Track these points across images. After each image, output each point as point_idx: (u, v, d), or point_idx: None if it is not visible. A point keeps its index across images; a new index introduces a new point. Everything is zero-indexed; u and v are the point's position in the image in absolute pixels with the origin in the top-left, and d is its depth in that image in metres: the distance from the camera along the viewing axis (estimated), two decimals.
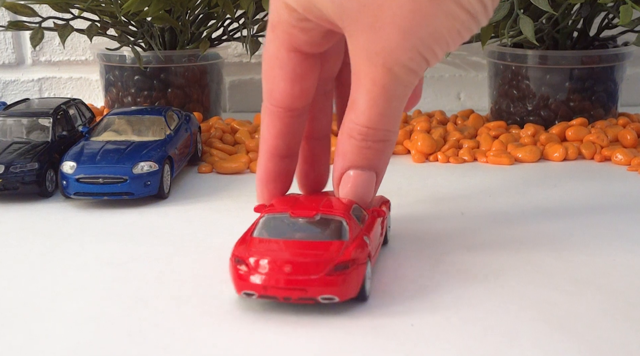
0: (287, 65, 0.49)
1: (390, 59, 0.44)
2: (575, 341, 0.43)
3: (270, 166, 0.53)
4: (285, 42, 0.48)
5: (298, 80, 0.49)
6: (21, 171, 0.67)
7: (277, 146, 0.52)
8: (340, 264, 0.44)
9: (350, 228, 0.47)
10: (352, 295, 0.45)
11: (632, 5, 0.75)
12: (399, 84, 0.45)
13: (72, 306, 0.48)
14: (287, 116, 0.51)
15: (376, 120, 0.47)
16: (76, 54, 1.08)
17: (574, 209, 0.65)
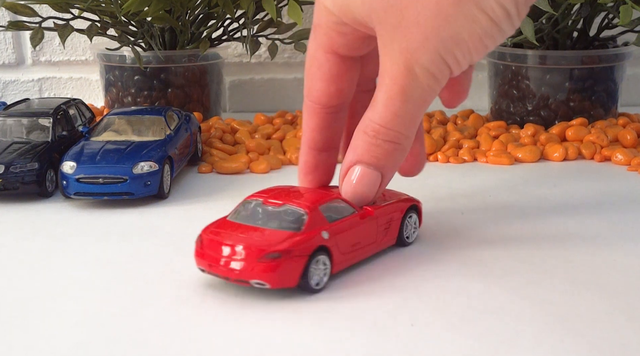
0: (324, 66, 0.50)
1: (412, 59, 0.44)
2: (575, 341, 0.43)
3: (309, 159, 0.54)
4: (324, 43, 0.50)
5: (334, 80, 0.51)
6: (21, 171, 0.67)
7: (315, 139, 0.54)
8: (272, 253, 0.47)
9: (309, 221, 0.49)
10: (287, 285, 0.48)
11: (632, 5, 0.75)
12: (417, 86, 0.46)
13: (72, 306, 0.48)
14: (324, 112, 0.52)
15: (389, 119, 0.47)
16: (76, 54, 1.08)
17: (574, 209, 0.65)
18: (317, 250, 0.48)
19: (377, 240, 0.54)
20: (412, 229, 0.57)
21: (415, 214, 0.57)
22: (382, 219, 0.54)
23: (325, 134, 0.54)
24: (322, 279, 0.49)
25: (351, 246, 0.51)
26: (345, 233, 0.50)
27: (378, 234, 0.53)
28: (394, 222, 0.55)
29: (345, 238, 0.50)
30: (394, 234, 0.55)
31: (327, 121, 0.53)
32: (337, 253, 0.50)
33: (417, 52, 0.44)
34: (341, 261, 0.50)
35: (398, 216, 0.55)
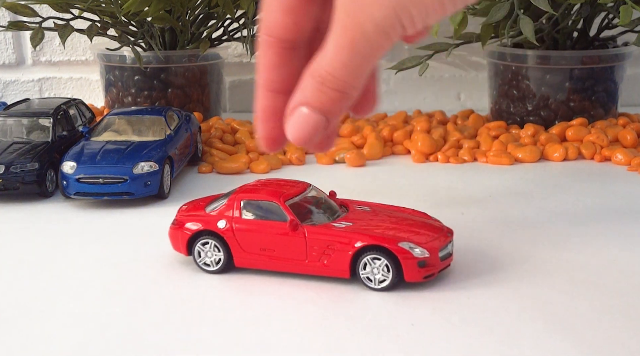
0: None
1: (364, 13, 0.42)
2: (575, 341, 0.43)
3: (265, 102, 0.50)
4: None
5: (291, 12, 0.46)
6: (21, 171, 0.67)
7: (271, 79, 0.49)
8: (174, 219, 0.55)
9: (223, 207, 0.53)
10: (180, 251, 0.54)
11: (632, 5, 0.75)
12: (367, 40, 0.44)
13: (72, 306, 0.48)
14: (280, 47, 0.48)
15: (337, 68, 0.46)
16: (76, 54, 1.08)
17: (573, 209, 0.65)
18: (204, 232, 0.52)
19: (305, 260, 0.50)
20: (379, 273, 0.49)
21: (388, 260, 0.49)
22: (315, 241, 0.50)
23: (282, 73, 0.49)
24: (212, 263, 0.52)
25: (259, 249, 0.51)
26: (250, 232, 0.51)
27: (309, 255, 0.50)
28: (338, 252, 0.50)
29: (250, 238, 0.51)
30: (341, 266, 0.50)
31: (283, 57, 0.48)
32: (235, 246, 0.52)
33: (371, 7, 0.41)
34: (244, 257, 0.52)
35: (344, 248, 0.49)
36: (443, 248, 0.50)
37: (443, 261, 0.50)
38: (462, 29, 0.81)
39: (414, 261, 0.48)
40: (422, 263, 0.48)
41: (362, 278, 0.49)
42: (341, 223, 0.51)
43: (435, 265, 0.49)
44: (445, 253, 0.50)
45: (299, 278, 0.51)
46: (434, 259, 0.49)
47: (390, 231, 0.50)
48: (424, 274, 0.49)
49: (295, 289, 0.50)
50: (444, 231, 0.51)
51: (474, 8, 0.81)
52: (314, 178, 0.74)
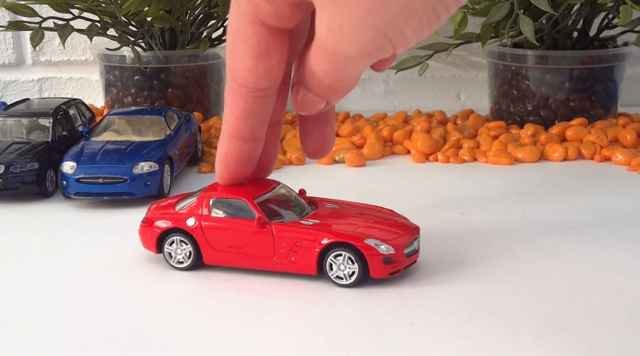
0: (251, 39, 0.44)
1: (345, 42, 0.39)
2: (575, 341, 0.43)
3: (232, 149, 0.49)
4: (249, 13, 0.43)
5: (263, 56, 0.44)
6: (21, 171, 0.67)
7: (240, 128, 0.48)
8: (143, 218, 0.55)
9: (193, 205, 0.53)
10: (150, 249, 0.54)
11: (632, 5, 0.75)
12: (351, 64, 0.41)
13: (72, 306, 0.48)
14: (251, 97, 0.46)
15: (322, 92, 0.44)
16: (76, 54, 1.08)
17: (573, 209, 0.65)
18: (173, 230, 0.53)
19: (273, 257, 0.51)
20: (346, 268, 0.50)
21: (350, 253, 0.49)
22: (282, 239, 0.50)
23: (251, 122, 0.47)
24: (185, 259, 0.53)
25: (228, 247, 0.52)
26: (218, 230, 0.52)
27: (277, 252, 0.51)
28: (305, 250, 0.50)
29: (218, 235, 0.52)
30: (309, 263, 0.50)
31: (254, 106, 0.47)
32: (204, 244, 0.52)
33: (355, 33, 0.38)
34: (213, 254, 0.52)
35: (310, 245, 0.50)
36: (409, 245, 0.51)
37: (409, 257, 0.51)
38: (462, 29, 0.81)
39: (379, 258, 0.49)
40: (388, 259, 0.49)
41: (332, 278, 0.50)
42: (309, 221, 0.51)
43: (401, 262, 0.50)
44: (411, 250, 0.51)
45: (299, 278, 0.51)
46: (399, 256, 0.50)
47: (357, 228, 0.51)
48: (389, 271, 0.49)
49: (295, 289, 0.50)
50: (411, 228, 0.52)
51: (473, 8, 0.81)
52: (314, 178, 0.74)
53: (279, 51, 0.45)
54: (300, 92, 0.46)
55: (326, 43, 0.40)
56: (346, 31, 0.38)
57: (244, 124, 0.48)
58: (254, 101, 0.47)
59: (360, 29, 0.38)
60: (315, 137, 0.51)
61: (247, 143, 0.49)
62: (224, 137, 0.49)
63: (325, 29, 0.39)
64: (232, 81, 0.46)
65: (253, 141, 0.49)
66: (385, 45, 0.39)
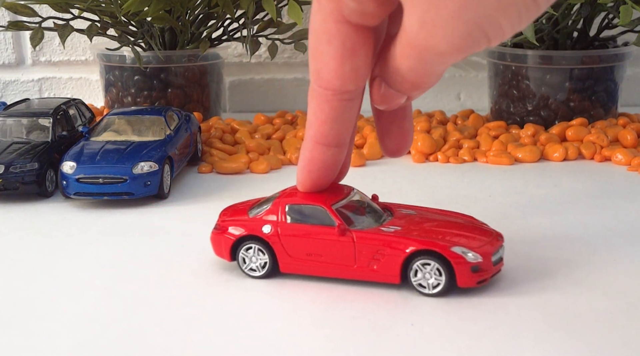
0: (336, 39, 0.42)
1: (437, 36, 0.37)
2: (575, 341, 0.43)
3: (316, 155, 0.48)
4: (333, 11, 0.41)
5: (348, 56, 0.42)
6: (21, 171, 0.67)
7: (325, 133, 0.46)
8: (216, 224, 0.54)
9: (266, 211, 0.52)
10: (222, 257, 0.53)
11: (632, 5, 0.75)
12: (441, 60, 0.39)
13: (72, 306, 0.48)
14: (337, 100, 0.44)
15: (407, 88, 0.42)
16: (76, 54, 1.08)
17: (574, 209, 0.65)
18: (249, 237, 0.51)
19: (354, 265, 0.50)
20: (431, 278, 0.48)
21: (438, 263, 0.48)
22: (364, 246, 0.49)
23: (337, 127, 0.46)
24: (258, 267, 0.52)
25: (305, 254, 0.50)
26: (296, 237, 0.50)
27: (357, 260, 0.49)
28: (388, 257, 0.49)
29: (296, 243, 0.50)
30: (392, 271, 0.49)
31: (340, 110, 0.45)
32: (281, 252, 0.51)
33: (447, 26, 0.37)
34: (289, 262, 0.51)
35: (394, 253, 0.49)
36: (495, 253, 0.49)
37: (495, 265, 0.49)
38: None
39: (467, 266, 0.47)
40: (476, 268, 0.48)
41: (415, 284, 0.49)
42: (390, 227, 0.50)
43: (488, 270, 0.48)
44: (497, 258, 0.49)
45: (299, 278, 0.51)
46: (487, 264, 0.48)
47: (441, 235, 0.49)
48: (477, 280, 0.48)
49: (296, 289, 0.50)
50: (494, 235, 0.51)
51: None
52: None
53: (364, 50, 0.43)
54: (381, 88, 0.43)
55: (417, 39, 0.38)
56: (440, 26, 0.37)
57: (329, 130, 0.46)
58: (339, 105, 0.45)
59: (455, 22, 0.36)
60: (394, 134, 0.49)
61: (333, 149, 0.47)
62: (309, 143, 0.48)
63: (416, 24, 0.37)
64: (316, 84, 0.45)
65: (338, 147, 0.47)
66: (481, 39, 0.38)
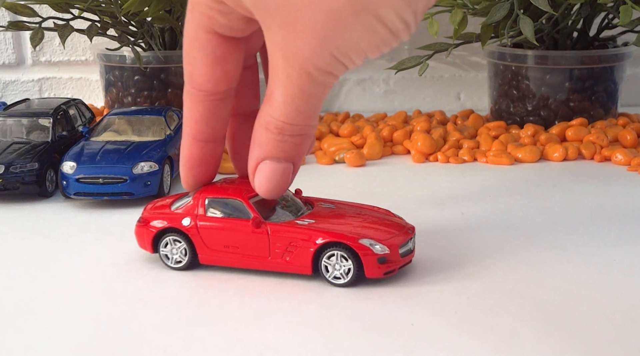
0: (206, 47, 0.46)
1: (307, 63, 0.42)
2: (575, 341, 0.43)
3: (195, 151, 0.51)
4: (203, 23, 0.45)
5: (219, 62, 0.47)
6: (21, 171, 0.67)
7: (201, 130, 0.50)
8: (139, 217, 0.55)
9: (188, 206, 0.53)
10: (145, 249, 0.55)
11: (632, 5, 0.75)
12: (316, 84, 0.44)
13: (72, 306, 0.48)
14: (210, 100, 0.48)
15: (293, 116, 0.45)
16: (76, 54, 1.08)
17: (573, 209, 0.65)
18: (169, 230, 0.53)
19: (268, 257, 0.51)
20: (341, 268, 0.50)
21: (344, 254, 0.49)
22: (277, 238, 0.50)
23: (212, 124, 0.49)
24: (182, 258, 0.53)
25: (223, 246, 0.52)
26: (214, 230, 0.52)
27: (272, 252, 0.51)
28: (300, 249, 0.50)
29: (214, 235, 0.52)
30: (304, 263, 0.50)
31: (213, 109, 0.49)
32: (200, 244, 0.52)
33: (313, 57, 0.42)
34: (209, 254, 0.52)
35: (305, 245, 0.50)
36: (404, 245, 0.51)
37: (403, 257, 0.51)
38: (462, 29, 0.81)
39: (374, 258, 0.49)
40: (383, 259, 0.49)
41: (330, 279, 0.50)
42: (304, 220, 0.51)
43: (396, 262, 0.50)
44: (406, 250, 0.51)
45: (299, 278, 0.51)
46: (394, 256, 0.50)
47: (352, 228, 0.51)
48: (384, 271, 0.49)
49: (295, 289, 0.50)
50: (406, 228, 0.52)
51: (473, 8, 0.81)
52: (313, 178, 0.74)
53: (234, 57, 0.47)
54: (267, 165, 0.48)
55: (294, 67, 0.42)
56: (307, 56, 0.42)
57: (205, 127, 0.49)
58: (212, 104, 0.48)
59: (318, 54, 0.41)
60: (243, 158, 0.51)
61: (210, 144, 0.50)
62: (186, 141, 0.51)
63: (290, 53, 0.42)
64: (190, 85, 0.48)
65: (215, 142, 0.50)
66: (337, 65, 0.42)
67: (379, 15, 0.40)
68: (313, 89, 0.44)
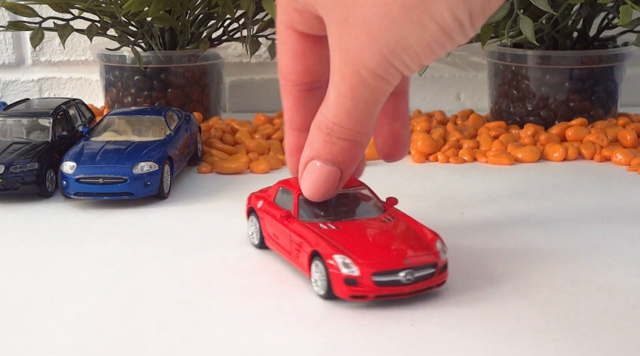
0: (287, 42, 0.48)
1: (358, 62, 0.42)
2: (575, 341, 0.43)
3: (290, 140, 0.52)
4: (283, 19, 0.47)
5: (299, 57, 0.48)
6: (21, 171, 0.67)
7: (293, 119, 0.51)
8: None
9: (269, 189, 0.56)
10: None
11: (632, 5, 0.75)
12: (366, 87, 0.43)
13: (72, 306, 0.48)
14: (296, 90, 0.50)
15: (342, 118, 0.45)
16: (76, 54, 1.08)
17: (573, 209, 0.65)
18: (252, 209, 0.56)
19: (291, 253, 0.51)
20: (318, 279, 0.48)
21: (321, 266, 0.47)
22: (295, 238, 0.50)
23: (302, 113, 0.51)
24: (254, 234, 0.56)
25: (273, 234, 0.54)
26: (268, 217, 0.54)
27: (292, 248, 0.51)
28: (303, 252, 0.49)
29: (268, 221, 0.54)
30: (304, 265, 0.49)
31: (301, 99, 0.50)
32: (263, 227, 0.55)
33: (363, 54, 0.42)
34: (268, 238, 0.55)
35: (305, 250, 0.49)
36: (385, 273, 0.46)
37: (380, 286, 0.46)
38: None
39: (340, 277, 0.46)
40: (350, 280, 0.46)
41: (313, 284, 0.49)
42: (330, 226, 0.50)
43: (367, 288, 0.46)
44: (390, 280, 0.46)
45: (299, 278, 0.51)
46: (364, 281, 0.46)
47: (349, 242, 0.48)
48: (350, 293, 0.46)
49: (295, 289, 0.50)
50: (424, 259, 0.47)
51: None
52: None
53: (314, 53, 0.48)
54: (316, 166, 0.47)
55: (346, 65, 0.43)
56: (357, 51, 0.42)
57: (296, 116, 0.51)
58: (300, 94, 0.50)
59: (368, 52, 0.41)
60: (385, 136, 0.51)
61: (304, 133, 0.51)
62: (285, 129, 0.53)
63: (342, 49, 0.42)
64: (280, 76, 0.50)
65: (307, 131, 0.50)
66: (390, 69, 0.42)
67: (429, 10, 0.39)
68: (363, 92, 0.43)
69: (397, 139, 0.52)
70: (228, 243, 0.58)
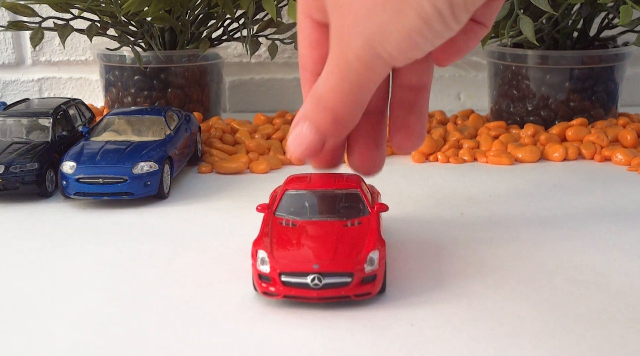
0: (305, 30, 0.48)
1: (344, 42, 0.43)
2: (575, 341, 0.43)
3: None
4: (303, 8, 0.48)
5: (316, 46, 0.48)
6: (21, 171, 0.67)
7: None
8: None
9: None
10: None
11: (632, 5, 0.75)
12: (351, 70, 0.43)
13: (72, 306, 0.48)
14: (314, 80, 0.49)
15: (327, 91, 0.45)
16: (76, 54, 1.08)
17: (573, 209, 0.65)
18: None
19: None
20: None
21: None
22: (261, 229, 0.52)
23: None
24: None
25: None
26: None
27: None
28: None
29: None
30: None
31: None
32: None
33: (349, 35, 0.42)
34: None
35: None
36: (292, 275, 0.46)
37: (288, 287, 0.46)
38: None
39: (256, 272, 0.48)
40: (263, 277, 0.47)
41: None
42: (290, 223, 0.51)
43: (277, 286, 0.47)
44: (297, 282, 0.46)
45: None
46: (274, 279, 0.47)
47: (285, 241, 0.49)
48: (263, 290, 0.47)
49: None
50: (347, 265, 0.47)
51: None
52: None
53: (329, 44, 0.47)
54: (297, 127, 0.48)
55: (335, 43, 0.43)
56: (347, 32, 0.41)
57: None
58: None
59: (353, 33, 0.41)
60: (399, 127, 0.51)
61: None
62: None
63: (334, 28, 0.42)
64: (299, 64, 0.50)
65: None
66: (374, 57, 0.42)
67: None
68: (349, 74, 0.44)
69: (409, 131, 0.51)
70: (228, 243, 0.58)
